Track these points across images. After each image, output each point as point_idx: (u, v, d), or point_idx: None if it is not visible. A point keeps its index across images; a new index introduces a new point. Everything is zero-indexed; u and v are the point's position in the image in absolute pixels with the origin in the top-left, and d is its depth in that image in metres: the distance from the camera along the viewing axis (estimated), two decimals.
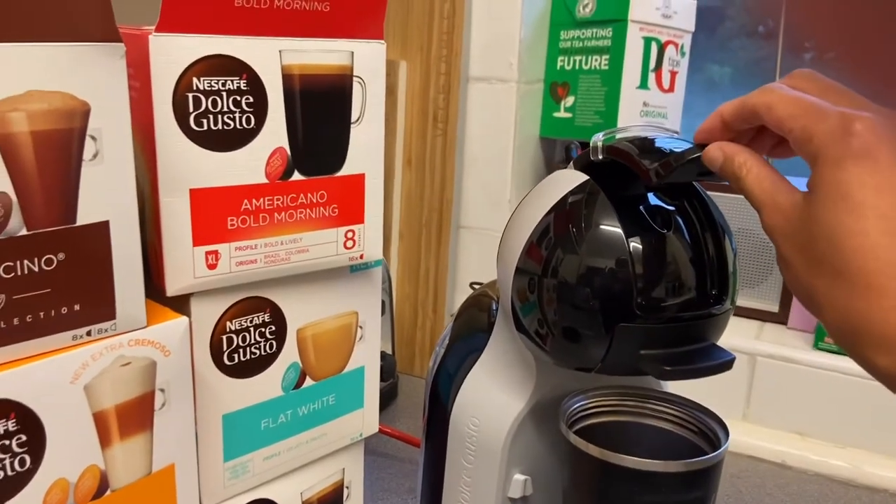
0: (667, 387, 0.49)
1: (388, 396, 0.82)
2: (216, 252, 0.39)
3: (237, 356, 0.42)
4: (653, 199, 0.41)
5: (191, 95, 0.36)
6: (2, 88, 0.28)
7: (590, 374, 0.43)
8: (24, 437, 0.32)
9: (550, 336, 0.42)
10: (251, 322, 0.42)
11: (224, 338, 0.41)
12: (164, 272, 0.38)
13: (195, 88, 0.36)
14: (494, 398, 0.47)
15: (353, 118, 0.42)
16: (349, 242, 0.44)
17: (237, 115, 0.38)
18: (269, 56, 0.38)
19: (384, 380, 0.79)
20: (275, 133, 0.39)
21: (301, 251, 0.42)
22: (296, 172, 0.41)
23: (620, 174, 0.40)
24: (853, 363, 0.30)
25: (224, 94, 0.37)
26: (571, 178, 0.42)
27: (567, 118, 0.83)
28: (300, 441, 0.47)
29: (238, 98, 0.38)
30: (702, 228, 0.41)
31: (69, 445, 0.33)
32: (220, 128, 0.38)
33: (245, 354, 0.43)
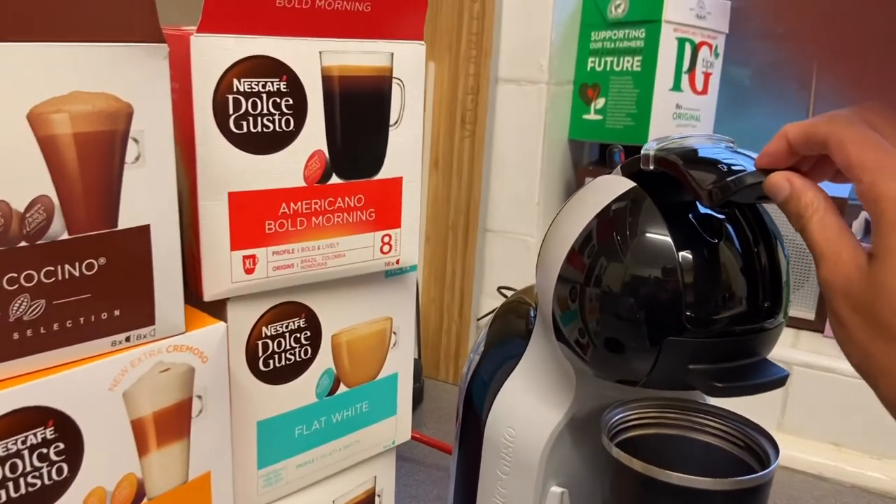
0: (707, 398, 0.48)
1: (414, 401, 0.81)
2: (254, 256, 0.38)
3: (272, 362, 0.41)
4: (702, 207, 0.40)
5: (231, 97, 0.36)
6: (46, 89, 0.28)
7: (632, 387, 0.42)
8: (62, 446, 0.31)
9: (592, 347, 0.41)
10: (287, 327, 0.42)
11: (260, 343, 0.41)
12: (202, 277, 0.37)
13: (235, 90, 0.36)
14: (532, 408, 0.46)
15: (392, 121, 0.42)
16: (385, 247, 0.44)
17: (276, 118, 0.37)
18: (309, 57, 0.38)
19: None
20: (313, 136, 0.39)
21: (337, 256, 0.42)
22: (334, 176, 0.40)
23: (668, 181, 0.39)
24: None
25: (264, 96, 0.36)
26: (617, 185, 0.41)
27: (597, 120, 0.82)
28: (333, 448, 0.46)
29: (278, 100, 0.37)
30: (754, 237, 0.39)
31: (107, 453, 0.32)
32: (260, 130, 0.37)
33: (280, 360, 0.42)
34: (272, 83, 0.37)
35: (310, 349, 0.43)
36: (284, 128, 0.38)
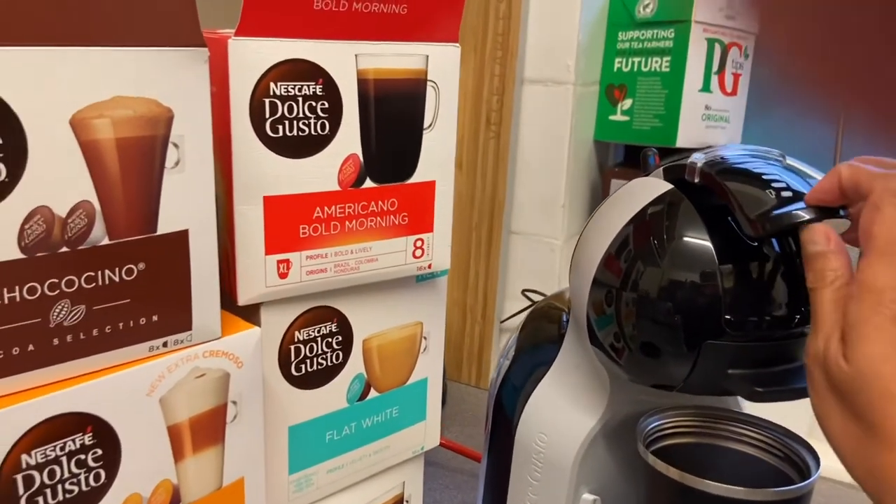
0: (743, 404, 0.47)
1: None
2: (287, 261, 0.38)
3: (304, 367, 0.41)
4: None
5: (268, 101, 0.35)
6: (89, 94, 0.27)
7: (667, 392, 0.41)
8: (100, 452, 0.31)
9: (627, 351, 0.40)
10: (319, 332, 0.41)
11: (292, 348, 0.40)
12: (237, 281, 0.37)
13: (272, 94, 0.35)
14: (564, 413, 0.45)
15: (426, 124, 0.41)
16: (418, 252, 0.43)
17: (312, 121, 0.37)
18: (345, 60, 0.37)
19: None
20: (348, 139, 0.38)
21: (370, 260, 0.41)
22: (368, 180, 0.40)
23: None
24: None
25: (300, 100, 0.36)
26: (654, 187, 0.40)
27: (624, 121, 0.81)
28: (363, 454, 0.46)
29: (313, 104, 0.37)
30: (794, 239, 0.38)
31: (143, 460, 0.32)
32: (296, 134, 0.37)
33: (312, 365, 0.42)
34: (308, 87, 0.36)
35: (341, 354, 0.43)
36: (320, 131, 0.37)
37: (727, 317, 0.37)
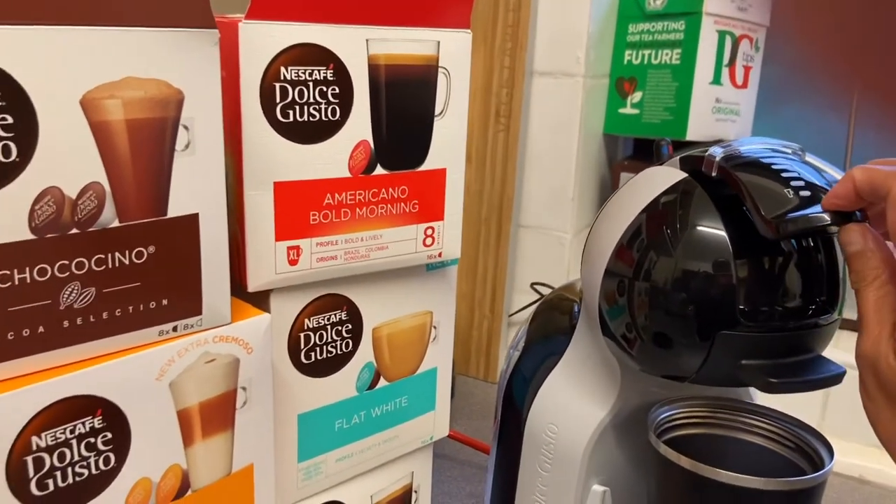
0: (754, 396, 0.47)
1: None
2: (297, 247, 0.38)
3: (314, 354, 0.41)
4: None
5: (278, 85, 0.35)
6: (99, 74, 0.27)
7: (679, 383, 0.41)
8: (110, 435, 0.31)
9: (640, 341, 0.40)
10: (328, 320, 0.41)
11: (302, 335, 0.40)
12: (246, 267, 0.37)
13: (282, 78, 0.35)
14: (574, 405, 0.45)
15: (437, 111, 0.41)
16: (428, 240, 0.43)
17: (322, 107, 0.37)
18: (356, 45, 0.37)
19: None
20: (359, 125, 0.38)
21: (380, 248, 0.41)
22: (378, 166, 0.39)
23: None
24: None
25: (310, 85, 0.36)
26: (667, 176, 0.40)
27: (634, 114, 0.81)
28: (372, 443, 0.46)
29: (324, 89, 0.36)
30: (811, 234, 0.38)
31: (153, 444, 0.32)
32: (306, 119, 0.36)
33: (322, 353, 0.41)
34: (319, 71, 0.36)
35: (351, 342, 0.43)
36: (330, 117, 0.37)
37: (741, 307, 0.36)
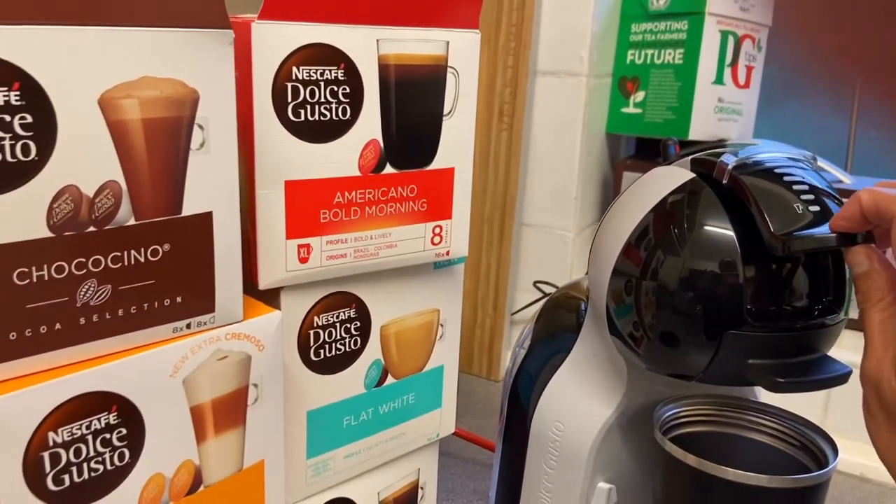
0: (760, 395, 0.47)
1: None
2: (308, 245, 0.38)
3: (323, 352, 0.41)
4: None
5: (290, 85, 0.35)
6: (117, 74, 0.28)
7: (685, 382, 0.41)
8: (125, 431, 0.31)
9: (646, 340, 0.40)
10: (337, 317, 0.42)
11: (311, 333, 0.41)
12: (257, 265, 0.37)
13: (294, 78, 0.35)
14: (581, 403, 0.45)
15: (446, 110, 0.41)
16: (436, 238, 0.43)
17: (333, 106, 0.37)
18: (367, 45, 0.37)
19: None
20: (369, 125, 0.38)
21: (389, 246, 0.41)
22: (388, 165, 0.40)
23: None
24: None
25: (322, 84, 0.36)
26: (673, 176, 0.40)
27: (637, 114, 0.81)
28: (380, 440, 0.46)
29: (335, 88, 0.37)
30: None
31: (167, 440, 0.33)
32: (317, 118, 0.37)
33: (331, 350, 0.42)
34: (330, 71, 0.36)
35: (359, 340, 0.43)
36: (341, 116, 0.37)
37: (748, 307, 0.37)
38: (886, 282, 0.32)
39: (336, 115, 0.37)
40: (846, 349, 0.74)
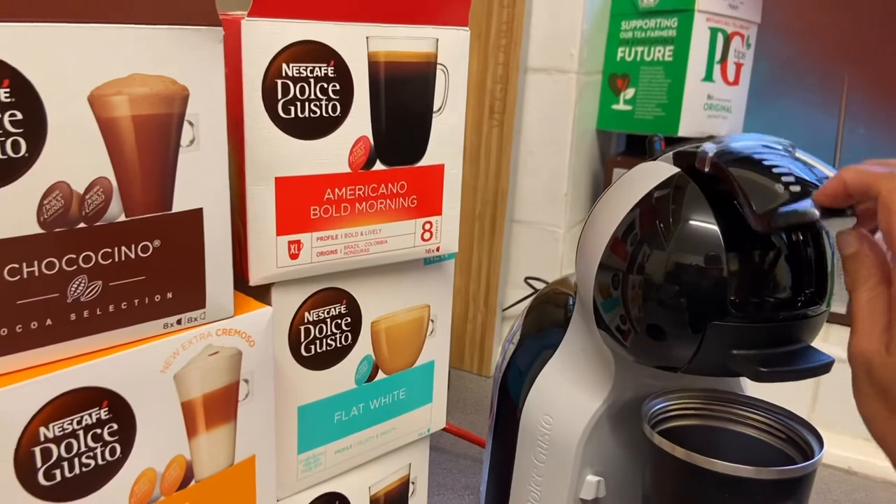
0: (745, 386, 0.48)
1: None
2: (298, 242, 0.39)
3: (314, 347, 0.42)
4: None
5: (280, 82, 0.36)
6: (107, 71, 0.28)
7: (672, 374, 0.41)
8: (116, 426, 0.31)
9: (633, 333, 0.40)
10: (328, 313, 0.42)
11: (302, 329, 0.41)
12: (248, 261, 0.37)
13: (284, 75, 0.36)
14: (569, 396, 0.46)
15: (436, 107, 0.42)
16: (426, 234, 0.44)
17: (323, 103, 0.37)
18: (357, 42, 0.37)
19: None
20: (359, 121, 0.39)
21: (380, 242, 0.42)
22: (378, 162, 0.40)
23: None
24: None
25: (311, 81, 0.36)
26: (660, 171, 0.40)
27: (626, 111, 0.82)
28: (371, 435, 0.46)
29: (325, 85, 0.37)
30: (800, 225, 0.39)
31: (158, 435, 0.33)
32: (307, 115, 0.37)
33: (321, 346, 0.42)
34: (320, 68, 0.37)
35: (350, 335, 0.43)
36: (331, 113, 0.38)
37: (732, 298, 0.37)
38: (874, 263, 0.33)
39: (326, 112, 0.37)
40: (833, 343, 0.75)
